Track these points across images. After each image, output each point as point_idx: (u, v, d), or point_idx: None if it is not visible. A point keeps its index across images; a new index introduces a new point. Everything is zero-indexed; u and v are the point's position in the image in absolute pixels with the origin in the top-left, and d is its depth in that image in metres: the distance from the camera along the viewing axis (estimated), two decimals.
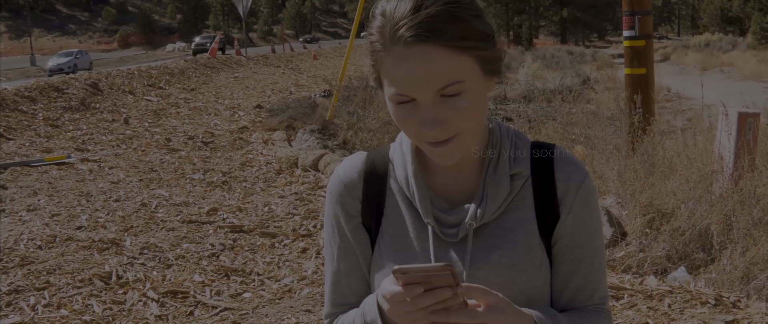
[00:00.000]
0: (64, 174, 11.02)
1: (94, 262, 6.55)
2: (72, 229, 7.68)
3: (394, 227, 1.68)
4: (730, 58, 49.60)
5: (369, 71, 1.58)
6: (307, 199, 8.81)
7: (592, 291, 1.68)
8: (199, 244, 7.07)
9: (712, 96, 11.38)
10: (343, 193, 1.73)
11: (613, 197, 7.02)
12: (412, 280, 1.40)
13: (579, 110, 11.10)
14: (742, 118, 6.54)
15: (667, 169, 6.98)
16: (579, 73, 31.86)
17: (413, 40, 1.44)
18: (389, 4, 1.50)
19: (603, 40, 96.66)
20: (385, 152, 1.74)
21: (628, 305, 4.88)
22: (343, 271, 1.75)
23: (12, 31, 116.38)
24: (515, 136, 1.69)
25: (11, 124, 15.06)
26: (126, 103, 19.65)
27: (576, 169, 1.66)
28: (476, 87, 1.50)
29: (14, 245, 7.03)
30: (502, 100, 22.09)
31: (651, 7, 8.55)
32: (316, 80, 30.40)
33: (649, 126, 7.74)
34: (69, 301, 5.68)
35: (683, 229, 5.85)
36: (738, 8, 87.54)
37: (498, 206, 1.62)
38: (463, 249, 1.62)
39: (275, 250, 6.94)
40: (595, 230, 1.67)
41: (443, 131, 1.49)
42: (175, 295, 5.78)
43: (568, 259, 1.65)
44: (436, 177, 1.68)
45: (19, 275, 6.20)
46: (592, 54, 54.92)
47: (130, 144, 14.19)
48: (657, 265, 5.66)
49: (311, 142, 12.41)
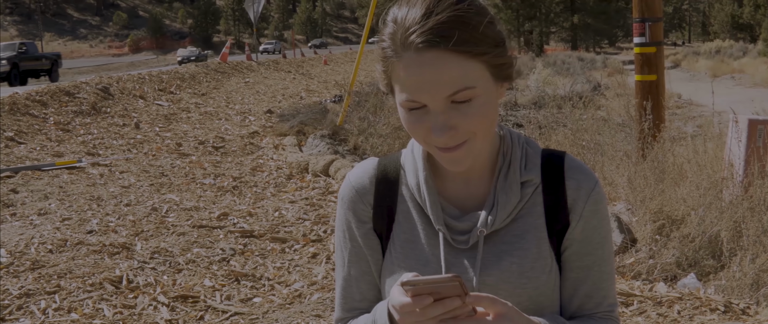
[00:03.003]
0: (75, 178, 11.05)
1: (105, 266, 6.57)
2: (83, 233, 7.70)
3: (405, 233, 1.69)
4: (741, 65, 49.42)
5: (380, 77, 1.59)
6: (318, 205, 8.82)
7: (601, 298, 1.68)
8: (209, 249, 7.08)
9: (723, 103, 11.36)
10: (354, 198, 1.74)
11: (623, 203, 7.01)
12: (420, 292, 1.41)
13: (589, 116, 11.07)
14: (752, 125, 6.53)
15: (677, 175, 6.97)
16: (589, 80, 31.82)
17: (424, 46, 1.45)
18: (400, 10, 1.51)
19: (614, 47, 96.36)
20: (397, 158, 1.75)
21: (637, 312, 4.88)
22: (353, 277, 1.76)
23: (23, 35, 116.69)
24: (526, 143, 1.70)
25: (22, 129, 15.11)
26: (137, 108, 19.69)
27: (586, 176, 1.66)
28: (487, 93, 1.50)
29: (25, 249, 7.05)
30: (513, 106, 22.07)
31: (661, 14, 8.54)
32: (327, 85, 30.42)
33: (660, 133, 7.73)
34: (80, 305, 5.70)
35: (693, 235, 5.84)
36: (749, 15, 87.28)
37: (508, 213, 1.62)
38: (473, 256, 1.63)
39: (285, 255, 6.95)
40: (605, 238, 1.68)
41: (453, 137, 1.50)
42: (185, 300, 5.79)
43: (578, 267, 1.66)
44: (447, 184, 1.68)
45: (30, 279, 6.22)
46: (603, 60, 54.77)
47: (140, 148, 14.23)
48: (667, 272, 5.65)
49: (322, 147, 12.42)
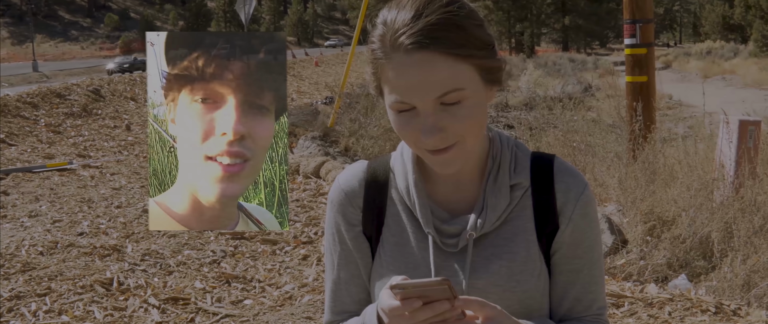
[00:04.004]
0: (65, 180, 11.03)
1: (96, 268, 6.55)
2: (73, 236, 7.69)
3: (395, 236, 1.69)
4: (732, 65, 49.63)
5: (370, 79, 1.59)
6: (309, 206, 8.81)
7: (591, 301, 1.68)
8: (200, 251, 7.07)
9: (714, 104, 11.39)
10: (344, 201, 1.74)
11: (614, 205, 7.02)
12: (410, 295, 1.41)
13: (580, 118, 11.10)
14: (743, 125, 6.55)
15: (668, 176, 6.98)
16: (581, 81, 31.93)
17: (414, 48, 1.45)
18: (390, 13, 1.51)
19: (605, 48, 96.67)
20: (387, 161, 1.75)
21: (628, 313, 4.88)
22: (343, 279, 1.76)
23: (14, 37, 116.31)
24: (515, 146, 1.70)
25: (13, 130, 15.08)
26: (128, 110, 19.66)
27: (575, 180, 1.66)
28: (476, 95, 1.50)
29: (16, 251, 7.03)
30: (504, 108, 22.13)
31: (652, 15, 8.56)
32: (318, 87, 30.42)
33: (650, 134, 7.75)
34: (70, 307, 5.69)
35: (684, 236, 5.85)
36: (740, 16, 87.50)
37: (498, 216, 1.62)
38: (463, 259, 1.63)
39: (276, 257, 6.94)
40: (594, 240, 1.68)
41: (443, 139, 1.50)
42: (176, 302, 5.78)
43: (567, 270, 1.66)
44: (437, 187, 1.68)
45: (21, 281, 6.20)
46: (594, 61, 54.96)
47: (132, 150, 14.21)
48: (658, 273, 5.66)
49: (312, 149, 12.41)
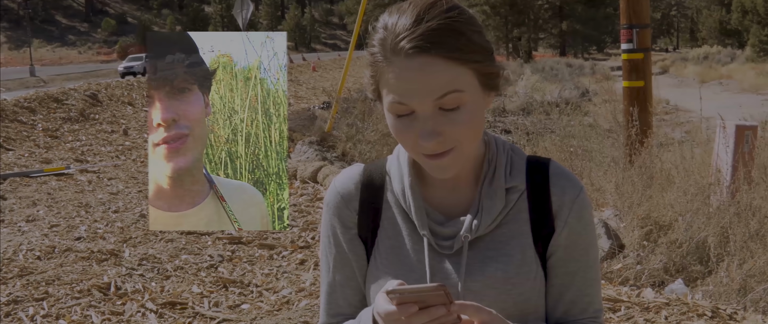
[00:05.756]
0: (63, 185, 11.03)
1: (93, 273, 6.55)
2: (71, 240, 7.69)
3: (390, 239, 1.69)
4: (729, 70, 49.63)
5: (368, 83, 1.60)
6: (306, 211, 8.82)
7: (587, 304, 1.69)
8: (197, 256, 7.07)
9: (711, 109, 11.39)
10: (339, 204, 1.75)
11: (611, 209, 7.03)
12: (406, 300, 1.42)
13: (577, 123, 11.12)
14: (739, 130, 6.57)
15: (664, 181, 7.00)
16: (578, 86, 31.94)
17: (414, 52, 1.46)
18: (391, 17, 1.52)
19: (602, 53, 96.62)
20: (383, 165, 1.76)
21: (625, 318, 4.89)
22: (338, 282, 1.77)
23: (12, 42, 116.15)
24: (511, 150, 1.71)
25: (10, 135, 15.08)
26: (125, 115, 19.67)
27: (571, 183, 1.67)
28: (474, 100, 1.51)
29: (13, 256, 7.03)
30: (501, 113, 22.14)
31: (649, 21, 8.58)
32: (316, 92, 30.42)
33: (647, 138, 7.76)
34: (68, 311, 5.69)
35: (680, 241, 5.86)
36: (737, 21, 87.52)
37: (493, 219, 1.63)
38: (458, 261, 1.63)
39: (273, 261, 6.94)
40: (590, 244, 1.69)
41: (440, 143, 1.51)
42: (173, 307, 5.78)
43: (563, 273, 1.67)
44: (433, 190, 1.69)
45: (18, 286, 6.20)
46: (591, 66, 54.88)
47: (129, 155, 14.21)
48: (654, 278, 5.67)
49: (310, 153, 12.41)
